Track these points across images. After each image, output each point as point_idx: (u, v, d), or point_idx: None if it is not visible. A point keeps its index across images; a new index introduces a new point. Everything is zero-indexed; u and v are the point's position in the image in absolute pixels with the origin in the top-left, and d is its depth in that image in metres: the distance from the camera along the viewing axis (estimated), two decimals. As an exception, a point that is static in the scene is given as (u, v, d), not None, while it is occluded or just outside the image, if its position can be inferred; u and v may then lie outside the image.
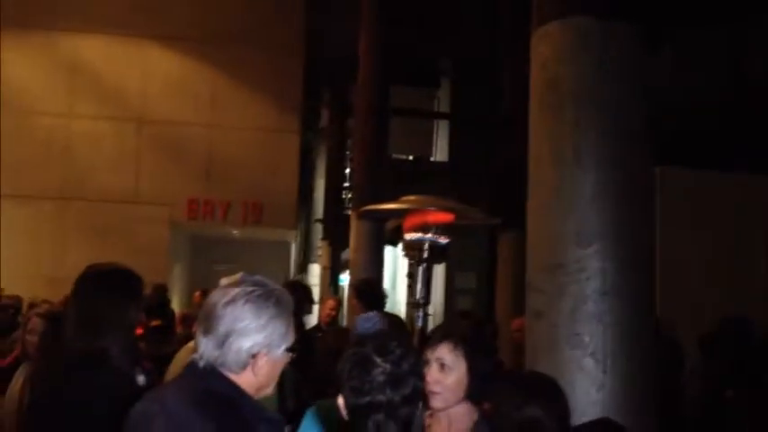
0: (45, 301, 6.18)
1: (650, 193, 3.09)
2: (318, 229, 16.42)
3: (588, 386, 2.80)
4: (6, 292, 5.77)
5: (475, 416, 2.43)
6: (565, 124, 2.94)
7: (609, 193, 2.89)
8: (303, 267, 18.63)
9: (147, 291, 6.64)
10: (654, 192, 3.09)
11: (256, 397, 1.92)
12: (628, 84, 2.99)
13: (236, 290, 1.90)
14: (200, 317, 1.95)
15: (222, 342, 1.87)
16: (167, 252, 12.72)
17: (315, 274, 16.27)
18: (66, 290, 6.74)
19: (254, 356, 1.88)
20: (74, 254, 12.03)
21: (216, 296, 1.92)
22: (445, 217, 5.64)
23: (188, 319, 7.16)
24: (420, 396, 1.92)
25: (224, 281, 1.97)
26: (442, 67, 13.06)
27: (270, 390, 1.98)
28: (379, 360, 1.86)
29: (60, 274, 11.23)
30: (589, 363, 2.83)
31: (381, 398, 1.84)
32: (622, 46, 3.00)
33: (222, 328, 1.86)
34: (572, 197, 2.89)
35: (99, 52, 12.87)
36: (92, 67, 12.83)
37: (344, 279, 13.87)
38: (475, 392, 2.42)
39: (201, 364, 1.89)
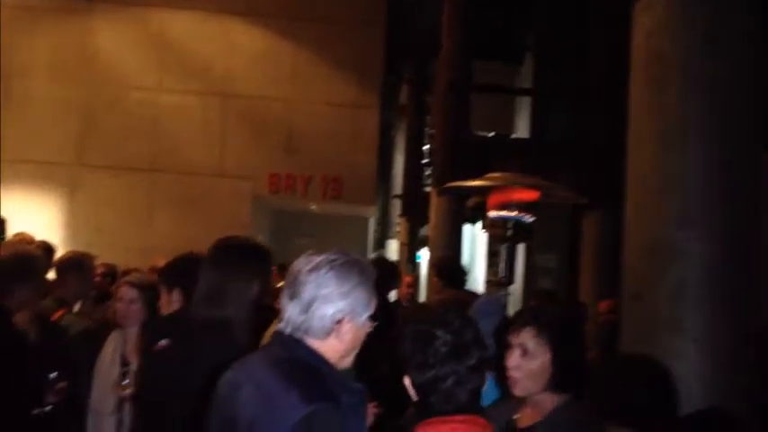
0: (135, 270, 6.39)
1: (759, 174, 2.91)
2: (396, 206, 16.40)
3: (688, 373, 2.68)
4: (100, 261, 5.98)
5: (557, 401, 2.32)
6: (670, 100, 2.79)
7: (716, 172, 2.74)
8: (381, 243, 18.70)
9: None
10: (763, 173, 2.90)
11: (339, 366, 1.93)
12: (738, 57, 2.81)
13: (320, 257, 1.93)
14: (285, 283, 1.97)
15: (307, 308, 1.89)
16: (250, 225, 12.97)
17: (392, 250, 16.31)
18: (154, 259, 6.95)
19: (338, 323, 1.89)
20: (161, 225, 12.45)
21: (300, 263, 1.95)
22: (530, 195, 5.54)
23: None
24: (486, 366, 1.89)
25: (311, 251, 1.99)
26: (525, 41, 12.74)
27: (351, 359, 1.98)
28: (439, 332, 1.86)
29: (149, 244, 11.66)
30: (690, 349, 2.71)
31: (446, 370, 1.83)
32: (732, 17, 2.82)
33: (306, 294, 1.89)
34: (676, 176, 2.75)
35: (186, 28, 13.14)
36: (179, 43, 13.12)
37: (421, 256, 13.83)
38: (559, 381, 2.29)
39: (287, 330, 1.92)
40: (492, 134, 12.50)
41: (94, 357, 3.92)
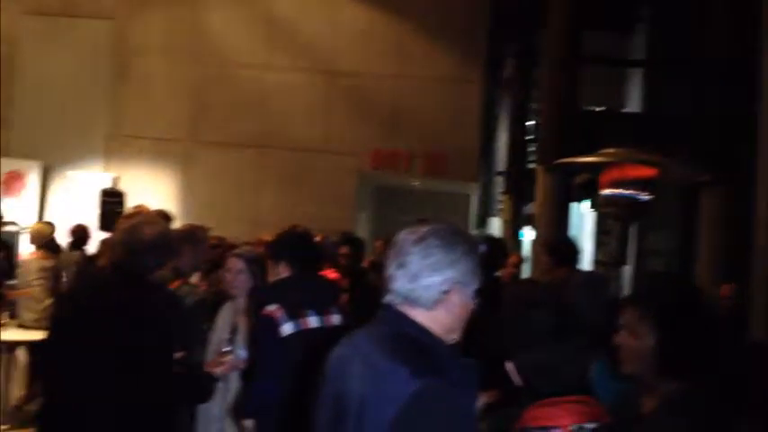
0: (246, 243, 6.57)
1: None
2: (499, 183, 16.13)
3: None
4: (214, 233, 6.19)
5: (668, 387, 2.17)
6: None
7: None
8: (483, 220, 18.48)
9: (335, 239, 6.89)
10: None
11: (447, 340, 1.89)
12: None
13: (425, 228, 1.91)
14: (390, 254, 1.93)
15: (415, 278, 1.86)
16: (354, 201, 13.11)
17: (495, 227, 16.09)
18: (263, 233, 7.13)
19: (446, 292, 1.86)
20: (269, 200, 12.79)
21: (405, 234, 1.92)
22: (647, 172, 5.29)
23: (376, 267, 7.34)
24: (590, 346, 1.90)
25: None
26: (637, 9, 12.12)
27: (457, 334, 1.92)
28: (537, 314, 1.85)
29: (256, 218, 12.01)
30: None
31: (549, 351, 1.81)
32: None
33: (414, 264, 1.86)
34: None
35: (292, 6, 13.31)
36: (286, 21, 13.32)
37: (524, 234, 13.56)
38: (667, 366, 2.15)
39: (396, 302, 1.89)
40: (601, 108, 12.01)
41: (209, 327, 4.07)
